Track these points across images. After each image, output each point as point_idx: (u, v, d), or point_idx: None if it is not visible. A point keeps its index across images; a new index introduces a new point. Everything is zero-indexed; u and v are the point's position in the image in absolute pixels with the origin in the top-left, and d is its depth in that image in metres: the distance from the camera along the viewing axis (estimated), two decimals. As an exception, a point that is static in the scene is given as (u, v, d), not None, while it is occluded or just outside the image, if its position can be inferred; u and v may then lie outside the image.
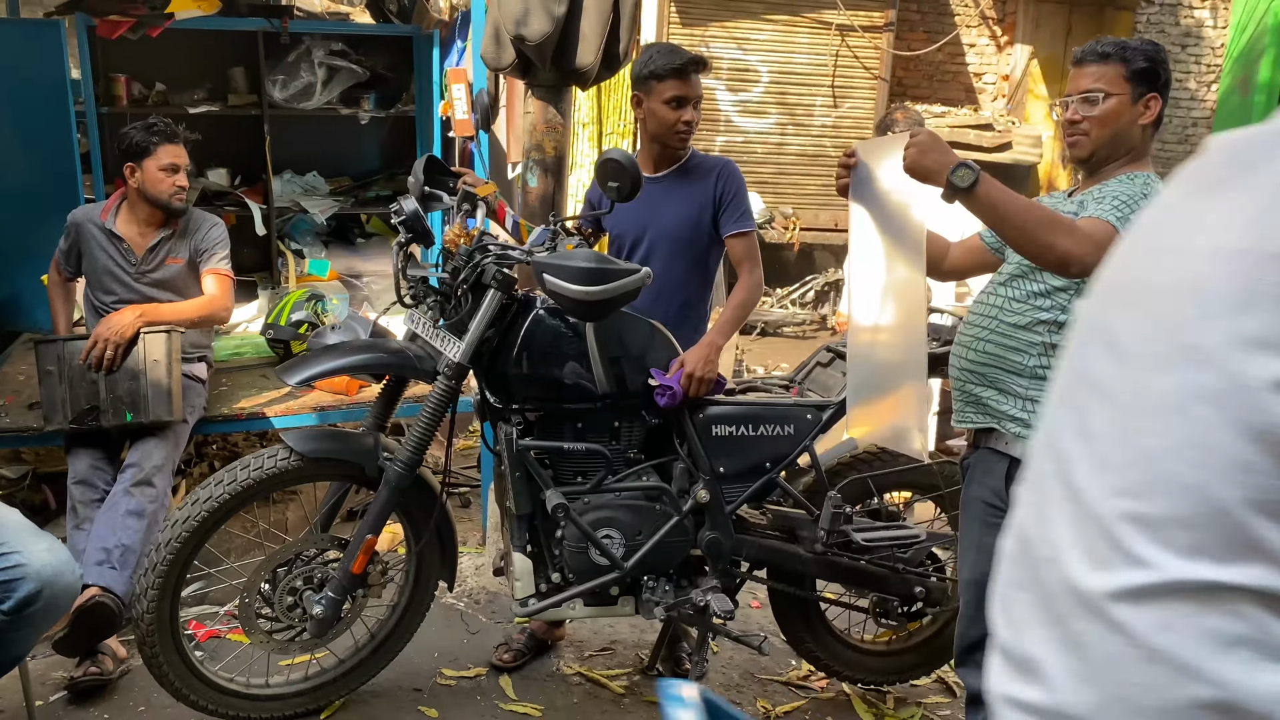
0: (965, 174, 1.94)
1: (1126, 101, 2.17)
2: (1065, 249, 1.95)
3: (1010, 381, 2.22)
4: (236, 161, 4.88)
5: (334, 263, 4.89)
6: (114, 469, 3.30)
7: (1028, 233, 1.97)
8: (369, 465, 2.69)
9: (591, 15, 3.26)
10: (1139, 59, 2.16)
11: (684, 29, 8.53)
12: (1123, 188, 2.12)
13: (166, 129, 3.35)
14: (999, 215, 1.99)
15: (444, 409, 2.67)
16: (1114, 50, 2.19)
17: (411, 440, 2.67)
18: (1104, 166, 2.24)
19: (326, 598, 2.67)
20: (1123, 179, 2.17)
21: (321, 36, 4.69)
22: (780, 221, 8.64)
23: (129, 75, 4.58)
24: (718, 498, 2.78)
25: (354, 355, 2.75)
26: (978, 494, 2.30)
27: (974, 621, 2.29)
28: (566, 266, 2.42)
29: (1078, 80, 2.22)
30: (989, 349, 2.26)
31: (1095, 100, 2.18)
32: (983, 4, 9.60)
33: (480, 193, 2.79)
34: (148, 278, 3.45)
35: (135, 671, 3.05)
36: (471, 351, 2.61)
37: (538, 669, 3.22)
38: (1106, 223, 2.02)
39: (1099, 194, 2.14)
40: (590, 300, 2.42)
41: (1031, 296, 2.21)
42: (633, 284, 2.45)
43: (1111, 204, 2.07)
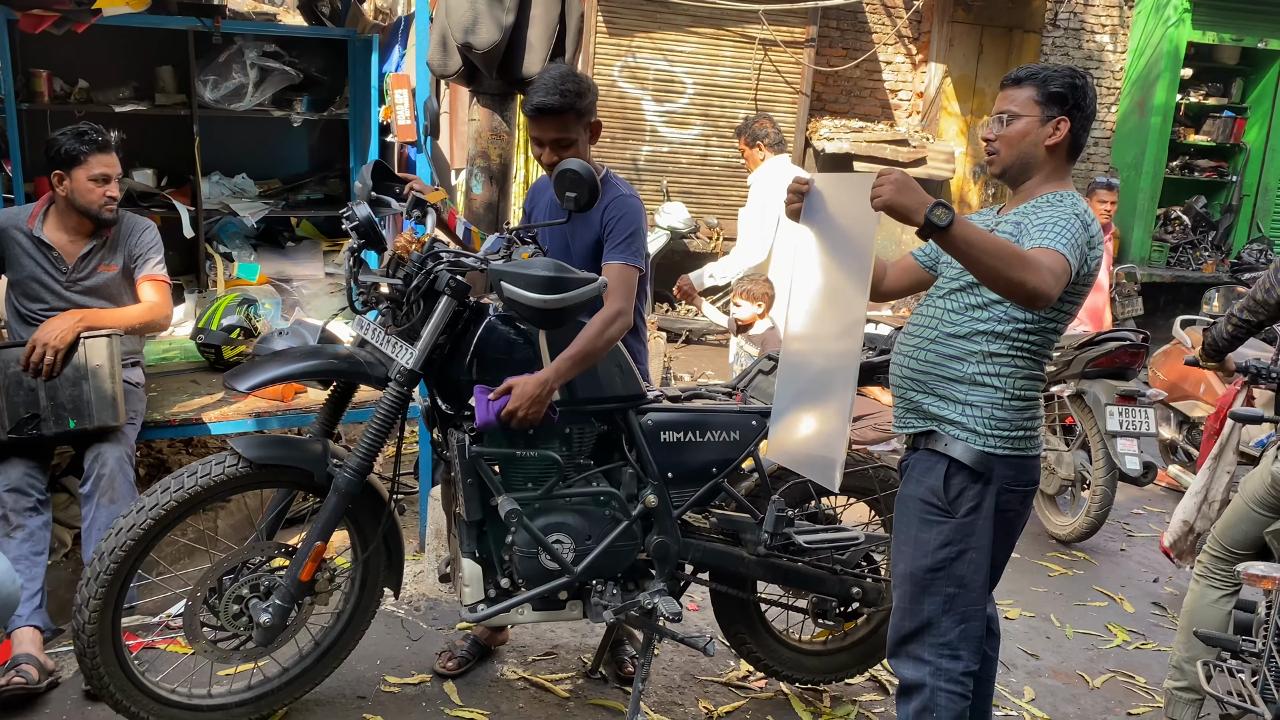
0: (943, 212, 2.00)
1: (1034, 123, 2.30)
2: (1035, 285, 2.03)
3: (949, 388, 2.33)
4: (163, 162, 4.76)
5: (264, 266, 4.82)
6: (47, 476, 3.23)
7: (1000, 270, 2.03)
8: (318, 472, 2.68)
9: (539, 25, 3.30)
10: (1052, 84, 2.29)
11: (610, 38, 8.61)
12: (1056, 212, 2.22)
13: (98, 138, 3.25)
14: (973, 253, 2.04)
15: (395, 415, 2.68)
16: (1029, 75, 2.32)
17: (361, 447, 2.67)
18: (1021, 183, 2.36)
19: (274, 605, 2.64)
20: (1048, 199, 2.29)
21: (254, 37, 4.62)
22: (704, 231, 8.77)
23: (51, 71, 4.43)
24: (665, 502, 2.84)
25: (304, 361, 2.74)
26: (915, 491, 2.39)
27: (908, 614, 2.39)
28: (524, 275, 2.45)
29: (998, 103, 2.37)
30: (928, 358, 2.36)
31: (1005, 121, 2.32)
32: (899, 23, 9.89)
33: (430, 199, 2.80)
34: (79, 286, 3.37)
35: (66, 684, 2.98)
36: (424, 358, 2.62)
37: (482, 674, 3.23)
38: (1058, 253, 2.12)
39: (1035, 219, 2.23)
40: (548, 309, 2.46)
41: (970, 309, 2.33)
42: (589, 293, 2.49)
43: (1054, 230, 2.17)
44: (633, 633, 3.32)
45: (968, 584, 2.34)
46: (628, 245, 2.80)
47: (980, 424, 2.30)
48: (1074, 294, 2.29)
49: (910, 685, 2.40)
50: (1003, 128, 2.33)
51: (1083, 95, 2.30)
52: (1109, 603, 4.25)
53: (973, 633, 2.38)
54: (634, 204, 2.86)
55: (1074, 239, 2.17)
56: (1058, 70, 2.31)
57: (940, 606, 2.35)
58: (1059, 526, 4.85)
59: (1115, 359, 4.68)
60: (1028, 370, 2.33)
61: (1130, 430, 4.51)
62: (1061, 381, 4.88)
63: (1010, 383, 2.31)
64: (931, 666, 2.36)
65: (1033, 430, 2.36)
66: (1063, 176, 2.36)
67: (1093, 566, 4.63)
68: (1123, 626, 4.00)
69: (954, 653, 2.36)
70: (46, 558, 3.10)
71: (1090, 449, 4.69)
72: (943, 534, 2.33)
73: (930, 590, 2.35)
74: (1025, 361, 2.32)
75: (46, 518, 3.12)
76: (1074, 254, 2.16)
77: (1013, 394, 2.31)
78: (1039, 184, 2.34)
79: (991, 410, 2.30)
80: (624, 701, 3.07)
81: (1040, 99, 2.30)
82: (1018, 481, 2.35)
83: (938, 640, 2.36)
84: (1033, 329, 2.29)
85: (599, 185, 2.54)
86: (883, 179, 2.08)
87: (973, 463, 2.30)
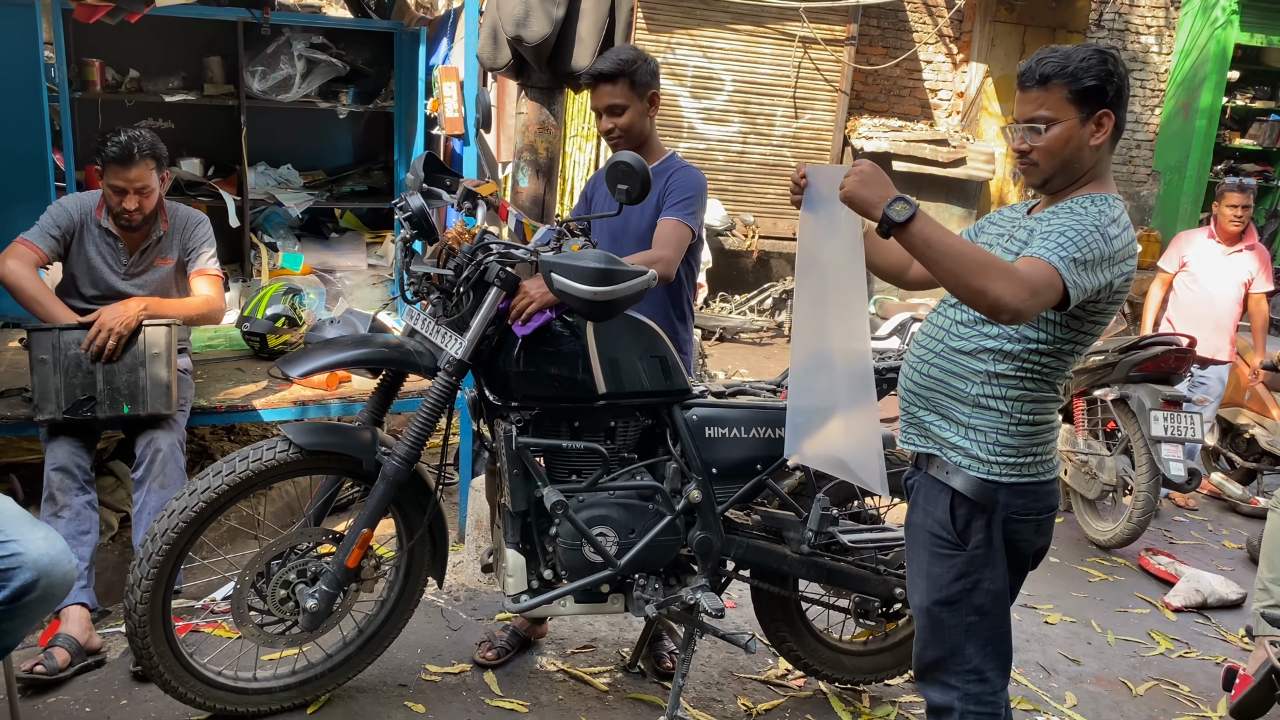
0: (902, 207, 1.88)
1: (1075, 126, 2.06)
2: (998, 295, 1.86)
3: (952, 408, 2.18)
4: (210, 152, 4.82)
5: (307, 257, 4.86)
6: (92, 458, 3.27)
7: (960, 275, 1.88)
8: (367, 459, 2.70)
9: (589, 19, 3.30)
10: (1085, 77, 2.04)
11: (650, 35, 8.61)
12: (1073, 220, 2.02)
13: (120, 151, 3.19)
14: (933, 254, 1.90)
15: (444, 405, 2.69)
16: (1055, 71, 2.06)
17: (410, 435, 2.68)
18: (1064, 188, 2.14)
19: (320, 591, 2.67)
20: (1076, 203, 2.09)
21: (302, 29, 4.66)
22: (740, 229, 8.75)
23: (103, 60, 4.50)
24: (709, 498, 2.84)
25: (355, 349, 2.76)
26: (922, 522, 2.26)
27: (930, 644, 2.29)
28: (575, 267, 2.46)
29: (1023, 106, 2.12)
30: (933, 372, 2.21)
31: (1039, 130, 2.08)
32: (940, 22, 9.82)
33: (482, 191, 2.81)
34: (133, 279, 3.41)
35: (113, 664, 3.02)
36: (473, 348, 2.64)
37: (521, 666, 3.24)
38: (1047, 264, 1.93)
39: (1049, 224, 2.06)
40: (599, 300, 2.46)
41: (979, 322, 2.14)
42: (640, 285, 2.49)
43: (1057, 240, 1.98)
44: (672, 628, 3.32)
45: (987, 611, 2.22)
46: (685, 205, 2.91)
47: (984, 450, 2.14)
48: (1096, 313, 2.09)
49: (939, 708, 2.30)
50: (1038, 136, 2.08)
51: (1120, 80, 2.06)
52: (1151, 610, 4.20)
53: (999, 654, 2.27)
54: (695, 173, 2.97)
55: (1080, 253, 1.96)
56: (1084, 58, 2.05)
57: (962, 635, 2.23)
58: (1100, 532, 4.80)
59: (1160, 363, 4.63)
60: (1037, 393, 2.14)
61: (1175, 436, 4.45)
62: (1105, 385, 4.83)
63: (1017, 406, 2.13)
64: (959, 692, 2.25)
65: (1043, 455, 2.18)
66: (1103, 174, 2.14)
67: (1133, 573, 4.57)
68: (1165, 634, 3.95)
69: (980, 676, 2.25)
70: (93, 537, 3.14)
71: (1133, 454, 4.64)
72: (955, 567, 2.20)
73: (949, 622, 2.23)
74: (1035, 384, 2.13)
75: (91, 498, 3.16)
76: (1074, 270, 1.94)
77: (1020, 419, 2.13)
78: (1080, 185, 2.13)
79: (996, 436, 2.14)
80: (662, 696, 3.07)
81: (1075, 98, 2.05)
82: (1027, 510, 2.18)
83: (962, 667, 2.25)
84: (1046, 350, 2.09)
85: (650, 177, 2.55)
86: (851, 170, 1.98)
87: (974, 495, 2.15)
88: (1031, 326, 2.09)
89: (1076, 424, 5.02)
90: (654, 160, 3.01)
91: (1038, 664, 3.60)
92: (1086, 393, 4.97)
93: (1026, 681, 3.45)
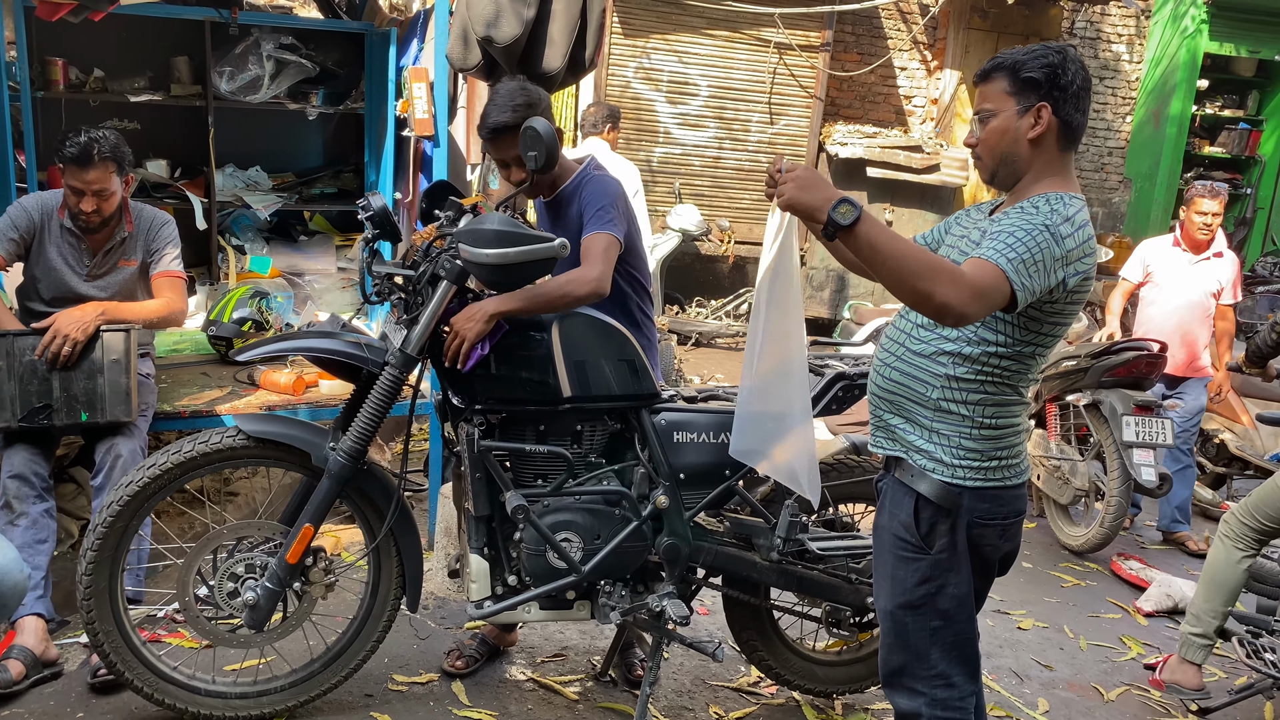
0: (847, 210, 1.83)
1: (1011, 117, 2.06)
2: (943, 298, 1.83)
3: (916, 411, 2.16)
4: (177, 153, 4.74)
5: (276, 260, 4.79)
6: (51, 465, 3.20)
7: (905, 279, 1.85)
8: (316, 454, 2.67)
9: (560, 20, 3.28)
10: (1026, 68, 2.04)
11: (625, 39, 8.59)
12: (1023, 220, 1.99)
13: (78, 152, 3.12)
14: (878, 257, 1.86)
15: (389, 399, 2.66)
16: (997, 65, 2.08)
17: (355, 430, 2.65)
18: (1013, 184, 2.12)
19: (262, 586, 2.64)
20: (1029, 202, 2.05)
21: (271, 29, 4.59)
22: (716, 234, 8.74)
23: (67, 59, 4.42)
24: (677, 503, 2.81)
25: (305, 340, 2.75)
26: (887, 525, 2.24)
27: (894, 649, 2.26)
28: (475, 231, 2.43)
29: (975, 102, 2.14)
30: (895, 376, 2.19)
31: (984, 120, 2.10)
32: (915, 29, 9.86)
33: (466, 203, 2.78)
34: (95, 281, 3.35)
35: (71, 676, 2.95)
36: (421, 343, 2.61)
37: (490, 675, 3.19)
38: (993, 266, 1.90)
39: (999, 224, 2.03)
40: (503, 264, 2.40)
41: (936, 324, 2.10)
42: (544, 252, 2.43)
43: (1005, 241, 1.94)
44: (643, 636, 3.29)
45: (952, 616, 2.20)
46: (601, 215, 2.79)
47: (947, 454, 2.12)
48: (1054, 314, 2.05)
49: (907, 715, 2.28)
50: (983, 128, 2.10)
51: (1061, 73, 2.03)
52: (1122, 615, 4.20)
53: (965, 657, 2.25)
54: (605, 181, 2.86)
55: (1028, 253, 1.92)
56: (1030, 52, 2.05)
57: (927, 640, 2.21)
58: (1072, 537, 4.80)
59: (1132, 368, 4.64)
60: (999, 397, 2.11)
61: (1147, 441, 4.46)
62: (1077, 391, 4.83)
63: (979, 410, 2.10)
64: (926, 697, 2.23)
65: (1008, 459, 2.15)
66: (1059, 171, 2.09)
67: (1105, 578, 4.58)
68: (1137, 639, 3.95)
69: (947, 681, 2.22)
70: (50, 546, 3.07)
71: (1105, 459, 4.64)
72: (920, 571, 2.17)
73: (914, 626, 2.21)
74: (996, 388, 2.10)
75: (49, 505, 3.10)
76: (1022, 271, 1.91)
77: (982, 423, 2.11)
78: (1033, 182, 2.09)
79: (959, 440, 2.11)
80: (633, 704, 3.03)
81: (1013, 89, 2.05)
82: (992, 515, 2.15)
83: (928, 672, 2.22)
84: (1005, 353, 2.06)
85: (558, 146, 2.54)
86: (787, 174, 1.92)
87: (938, 498, 2.12)
88: (989, 329, 2.07)
89: (1049, 429, 5.03)
90: (566, 180, 2.92)
91: (1010, 670, 3.59)
92: (1059, 398, 4.98)
93: (999, 688, 3.44)
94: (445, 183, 2.98)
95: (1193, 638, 3.43)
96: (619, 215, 2.82)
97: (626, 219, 2.87)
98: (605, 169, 2.93)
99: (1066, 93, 2.04)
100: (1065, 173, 2.12)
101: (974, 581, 2.23)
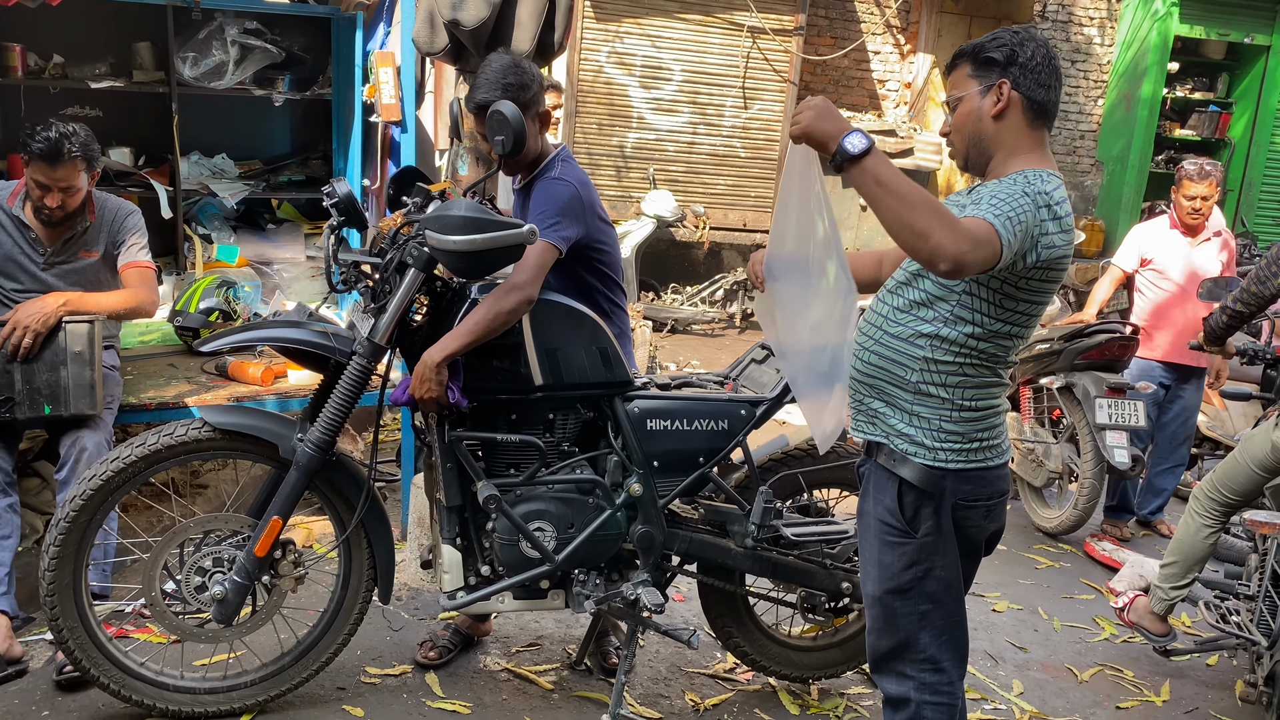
0: (859, 140, 1.85)
1: (975, 97, 2.09)
2: (939, 240, 1.81)
3: (896, 395, 2.15)
4: (141, 141, 4.65)
5: (243, 249, 4.72)
6: (14, 459, 3.15)
7: (905, 216, 1.83)
8: (283, 445, 2.63)
9: (528, 3, 3.23)
10: (985, 50, 2.08)
11: (598, 23, 8.52)
12: (1000, 187, 2.00)
13: (47, 148, 3.03)
14: (881, 192, 1.85)
15: (358, 389, 2.63)
16: (961, 52, 2.14)
17: (323, 421, 2.61)
18: (985, 167, 2.13)
19: (230, 580, 2.61)
20: (1006, 178, 2.04)
21: (235, 14, 4.50)
22: (691, 220, 8.70)
23: (24, 45, 4.32)
24: (651, 491, 2.79)
25: (272, 329, 2.70)
26: (872, 510, 2.23)
27: (883, 634, 2.25)
28: (444, 217, 2.40)
29: (947, 92, 2.19)
30: (874, 360, 2.18)
31: (953, 107, 2.14)
32: (888, 13, 9.84)
33: (433, 189, 2.74)
34: (57, 269, 3.28)
35: (36, 674, 2.90)
36: (389, 331, 2.57)
37: (464, 666, 3.17)
38: (986, 221, 1.89)
39: (979, 194, 2.05)
40: (471, 251, 2.36)
41: (913, 306, 2.12)
42: (512, 238, 2.39)
43: (989, 203, 1.95)
44: (618, 624, 3.27)
45: (940, 599, 2.20)
46: (542, 221, 2.68)
47: (929, 437, 2.12)
48: (1031, 291, 2.05)
49: (895, 699, 2.27)
50: (952, 115, 2.14)
51: (1020, 51, 2.05)
52: (1096, 595, 4.23)
53: (954, 642, 2.24)
54: (558, 186, 2.75)
55: (1015, 214, 1.92)
56: (991, 35, 2.10)
57: (915, 624, 2.20)
58: (1046, 519, 4.83)
59: (1105, 351, 4.65)
60: (978, 379, 2.11)
61: (1119, 423, 4.48)
62: (1050, 374, 4.85)
63: (958, 393, 2.10)
64: (915, 681, 2.23)
65: (990, 440, 2.15)
66: (1031, 149, 2.09)
67: (1079, 559, 4.60)
68: (1110, 620, 3.97)
69: (936, 666, 2.22)
70: (14, 541, 3.02)
71: (1079, 442, 4.66)
72: (906, 555, 2.17)
73: (902, 611, 2.21)
74: (975, 370, 2.10)
75: (13, 500, 3.04)
76: (1009, 227, 1.90)
77: (962, 405, 2.11)
78: (1005, 160, 2.09)
79: (940, 423, 2.11)
80: (609, 693, 3.01)
81: (975, 71, 2.09)
82: (976, 496, 2.16)
83: (917, 656, 2.22)
84: (981, 334, 2.06)
85: (525, 131, 2.51)
86: (802, 105, 1.92)
87: (921, 482, 2.12)
88: (964, 308, 2.06)
89: (1023, 412, 5.05)
90: (541, 164, 2.85)
91: (985, 652, 3.60)
92: (1032, 381, 5.00)
93: (974, 670, 3.44)
94: (413, 169, 2.93)
95: (1160, 591, 3.56)
96: (566, 221, 2.71)
97: (579, 220, 2.75)
98: (573, 160, 2.88)
99: (1026, 69, 2.06)
100: (1039, 150, 2.11)
101: (961, 564, 2.23)
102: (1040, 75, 2.07)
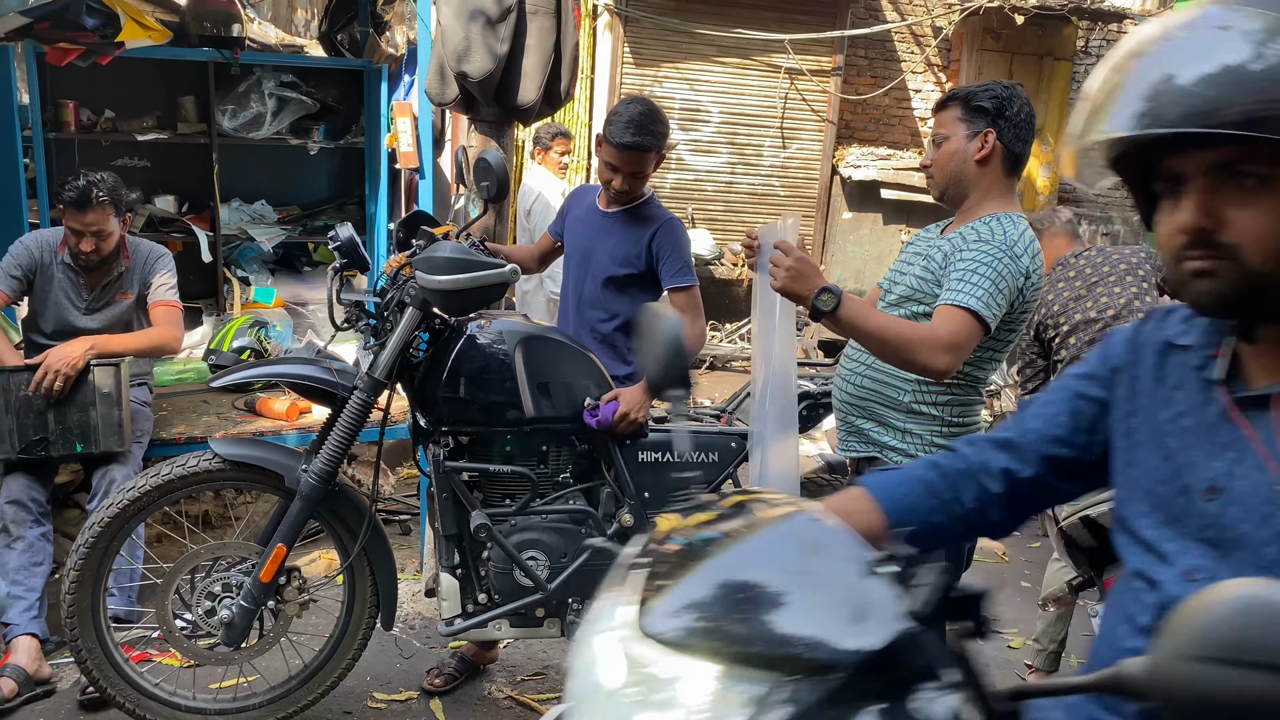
0: (828, 298, 2.05)
1: (961, 140, 2.26)
2: (925, 363, 2.07)
3: (888, 415, 2.32)
4: (184, 189, 4.93)
5: (280, 290, 4.94)
6: (49, 491, 3.32)
7: (885, 348, 2.10)
8: (289, 476, 2.75)
9: (534, 55, 3.37)
10: (976, 99, 2.25)
11: (637, 69, 8.71)
12: (980, 250, 2.16)
13: (76, 196, 3.26)
14: (859, 334, 2.11)
15: (359, 423, 2.74)
16: (953, 95, 2.31)
17: (326, 452, 2.73)
18: (960, 203, 2.31)
19: (237, 604, 2.73)
20: (982, 223, 2.23)
21: (272, 68, 4.76)
22: (729, 258, 8.80)
23: (78, 102, 4.61)
24: (642, 522, 2.86)
25: (279, 365, 2.85)
26: None
27: None
28: (431, 258, 2.54)
29: (933, 129, 2.35)
30: (865, 384, 2.35)
31: (938, 144, 2.30)
32: (928, 51, 9.89)
33: (437, 232, 2.88)
34: (94, 315, 3.49)
35: (63, 695, 3.06)
36: (388, 367, 2.69)
37: (469, 693, 3.25)
38: (963, 313, 2.09)
39: (959, 258, 2.18)
40: (450, 290, 2.51)
41: None
42: (494, 278, 2.53)
43: (969, 282, 2.12)
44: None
45: None
46: (687, 269, 3.02)
47: (920, 450, 2.29)
48: (1012, 324, 2.24)
49: None
50: (936, 151, 2.31)
51: (1008, 105, 2.24)
52: (1117, 633, 4.16)
53: None
54: (680, 228, 3.07)
55: (997, 283, 2.12)
56: (982, 86, 2.29)
57: None
58: (1071, 556, 4.77)
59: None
60: (964, 398, 2.31)
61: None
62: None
63: (947, 410, 2.29)
64: None
65: None
66: (1003, 193, 2.30)
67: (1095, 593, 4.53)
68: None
69: None
70: (46, 568, 3.19)
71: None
72: None
73: None
74: (962, 390, 2.30)
75: (46, 529, 3.22)
76: (991, 303, 2.11)
77: (950, 421, 2.30)
78: (979, 202, 2.29)
79: (930, 438, 2.29)
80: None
81: (964, 116, 2.27)
82: None
83: None
84: (969, 360, 2.24)
85: (508, 178, 2.69)
86: (780, 260, 2.09)
87: None
88: None
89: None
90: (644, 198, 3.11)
91: (994, 688, 3.57)
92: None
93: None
94: (421, 212, 3.08)
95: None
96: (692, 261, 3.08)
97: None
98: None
99: (1011, 123, 2.25)
100: (1009, 195, 2.32)
101: None
102: (1021, 131, 2.26)
